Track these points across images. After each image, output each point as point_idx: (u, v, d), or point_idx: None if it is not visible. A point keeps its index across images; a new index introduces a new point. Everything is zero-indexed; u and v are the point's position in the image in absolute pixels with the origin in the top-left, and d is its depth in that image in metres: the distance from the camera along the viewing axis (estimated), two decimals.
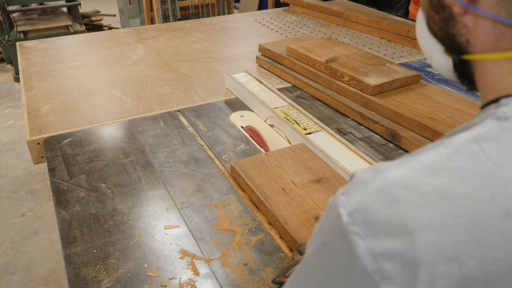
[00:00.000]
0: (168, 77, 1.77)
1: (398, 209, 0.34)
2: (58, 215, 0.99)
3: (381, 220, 0.34)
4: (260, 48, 1.88)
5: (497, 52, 0.41)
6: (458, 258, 0.32)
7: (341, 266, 0.37)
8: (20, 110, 3.51)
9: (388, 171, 0.36)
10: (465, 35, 0.44)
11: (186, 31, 2.37)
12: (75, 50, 2.07)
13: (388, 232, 0.34)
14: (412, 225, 0.33)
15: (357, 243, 0.35)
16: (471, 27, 0.43)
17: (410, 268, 0.33)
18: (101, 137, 1.31)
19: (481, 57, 0.43)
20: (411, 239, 0.33)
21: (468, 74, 0.48)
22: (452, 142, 0.37)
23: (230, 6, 4.15)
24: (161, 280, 0.83)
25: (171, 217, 0.99)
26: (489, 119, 0.37)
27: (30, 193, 2.57)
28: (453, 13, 0.44)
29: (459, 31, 0.44)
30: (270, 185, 1.03)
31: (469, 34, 0.43)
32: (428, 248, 0.33)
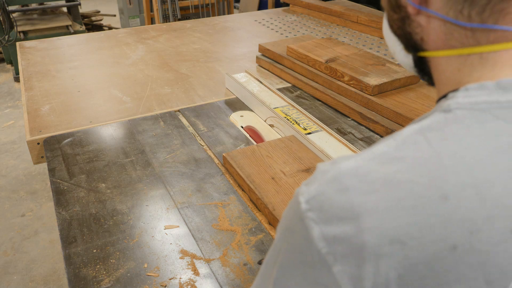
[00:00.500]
0: (168, 77, 1.77)
1: (348, 196, 0.37)
2: (58, 215, 0.99)
3: (333, 207, 0.37)
4: (260, 48, 1.88)
5: (447, 50, 0.44)
6: (400, 239, 0.34)
7: (300, 249, 0.39)
8: (20, 110, 3.51)
9: (343, 161, 0.39)
10: (419, 34, 0.47)
11: (186, 31, 2.37)
12: (75, 50, 2.07)
13: (339, 217, 0.36)
14: (359, 210, 0.36)
15: (312, 228, 0.38)
16: (424, 26, 0.45)
17: (358, 250, 0.35)
18: (101, 137, 1.31)
19: (434, 54, 0.46)
20: (358, 223, 0.35)
21: (426, 70, 0.51)
22: (401, 134, 0.40)
23: (230, 6, 4.15)
24: (161, 280, 0.83)
25: (171, 217, 0.99)
26: (436, 112, 0.40)
27: (30, 193, 2.57)
28: (408, 13, 0.46)
29: (414, 29, 0.47)
30: (260, 174, 1.07)
31: (423, 32, 0.46)
32: (373, 231, 0.35)
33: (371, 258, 0.35)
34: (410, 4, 0.45)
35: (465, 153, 0.36)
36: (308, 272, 0.39)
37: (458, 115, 0.38)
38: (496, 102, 0.38)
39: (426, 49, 0.47)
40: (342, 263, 0.36)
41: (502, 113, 0.37)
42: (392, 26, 0.51)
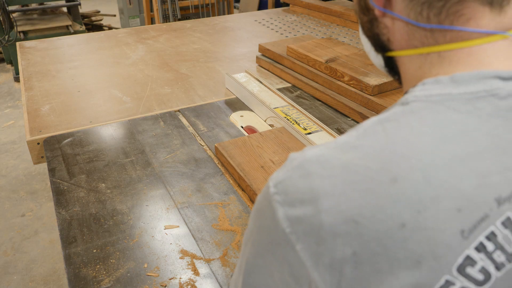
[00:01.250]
0: (168, 77, 1.77)
1: (310, 180, 0.40)
2: (58, 215, 0.99)
3: (296, 190, 0.40)
4: (260, 48, 1.88)
5: (410, 49, 0.47)
6: (354, 219, 0.37)
7: (267, 229, 0.43)
8: (20, 110, 3.51)
9: (309, 150, 0.43)
10: (386, 34, 0.50)
11: (186, 31, 2.37)
12: (75, 50, 2.07)
13: (301, 200, 0.40)
14: (318, 193, 0.39)
15: (278, 209, 0.41)
16: (390, 27, 0.49)
17: (316, 229, 0.39)
18: (101, 137, 1.31)
19: (399, 54, 0.50)
20: (316, 205, 0.39)
21: (395, 69, 0.54)
22: (362, 125, 0.43)
23: (230, 6, 4.15)
24: (161, 280, 0.83)
25: (171, 217, 0.99)
26: (395, 105, 0.44)
27: (30, 193, 2.57)
28: (376, 15, 0.49)
29: (381, 30, 0.50)
30: (250, 163, 1.11)
31: (389, 33, 0.50)
32: (330, 211, 0.38)
33: (328, 236, 0.38)
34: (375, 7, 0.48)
35: (416, 140, 0.38)
36: (275, 250, 0.43)
37: (413, 106, 0.41)
38: (448, 94, 0.41)
39: (392, 49, 0.51)
40: (303, 241, 0.39)
41: (453, 104, 0.40)
42: (363, 27, 0.55)
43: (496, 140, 0.38)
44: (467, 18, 0.42)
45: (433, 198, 0.36)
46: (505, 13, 0.43)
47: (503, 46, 0.43)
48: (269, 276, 0.45)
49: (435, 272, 0.36)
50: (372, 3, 0.48)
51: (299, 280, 0.41)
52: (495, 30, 0.43)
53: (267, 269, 0.45)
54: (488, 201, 0.36)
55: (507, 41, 0.43)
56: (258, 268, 0.47)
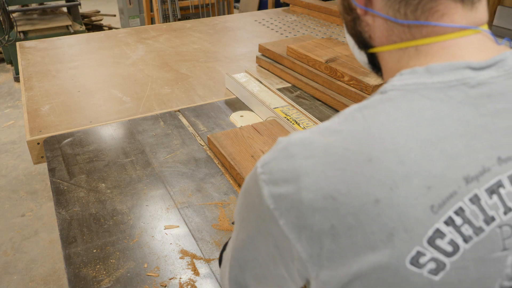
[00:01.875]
0: (168, 77, 1.77)
1: (293, 161, 0.43)
2: (58, 215, 0.99)
3: (280, 170, 0.44)
4: (260, 48, 1.88)
5: (390, 45, 0.51)
6: (332, 195, 0.41)
7: (254, 206, 0.47)
8: (20, 110, 3.51)
9: (295, 134, 0.46)
10: (368, 32, 0.53)
11: (186, 31, 2.37)
12: (75, 50, 2.07)
13: (284, 178, 0.43)
14: (300, 172, 0.42)
15: (263, 188, 0.45)
16: (371, 24, 0.52)
17: (297, 205, 0.42)
18: (101, 137, 1.31)
19: (380, 49, 0.53)
20: (298, 183, 0.42)
21: (377, 65, 0.57)
22: (344, 112, 0.46)
23: (230, 6, 4.15)
24: (161, 280, 0.83)
25: (171, 217, 0.99)
26: (375, 94, 0.47)
27: (30, 193, 2.57)
28: (358, 14, 0.53)
29: (363, 28, 0.54)
30: (241, 153, 1.15)
31: (370, 30, 0.53)
32: (309, 189, 0.41)
33: (308, 211, 0.42)
34: (357, 6, 0.51)
35: (391, 125, 0.42)
36: (261, 225, 0.47)
37: (391, 95, 0.44)
38: (423, 83, 0.44)
39: (374, 46, 0.54)
40: (286, 216, 0.43)
41: (427, 92, 0.43)
42: (347, 26, 0.58)
43: (465, 125, 0.41)
44: (441, 14, 0.45)
45: (405, 177, 0.39)
46: (476, 9, 0.46)
47: (475, 40, 0.46)
48: (255, 250, 0.50)
49: (407, 243, 0.39)
50: (355, 3, 0.52)
51: (283, 252, 0.46)
52: (467, 25, 0.46)
53: (254, 243, 0.49)
54: (457, 180, 0.39)
55: (478, 35, 0.46)
56: (246, 242, 0.51)
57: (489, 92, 0.42)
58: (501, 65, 0.44)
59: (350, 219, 0.40)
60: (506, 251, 0.40)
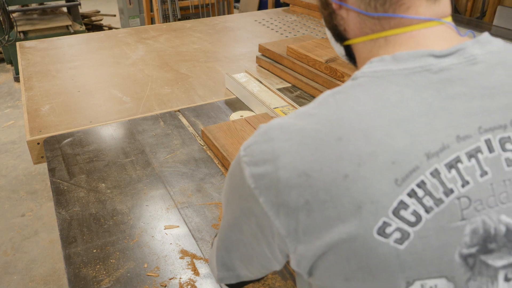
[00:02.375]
0: (168, 77, 1.77)
1: (272, 143, 0.47)
2: (58, 215, 0.99)
3: (260, 152, 0.48)
4: (260, 48, 1.88)
5: (362, 36, 0.55)
6: (306, 172, 0.44)
7: (237, 186, 0.51)
8: (20, 110, 3.51)
9: (274, 120, 0.50)
10: (342, 25, 0.57)
11: (186, 31, 2.37)
12: (75, 50, 2.07)
13: (263, 159, 0.47)
14: (278, 153, 0.46)
15: (245, 169, 0.48)
16: (345, 18, 0.56)
17: (275, 183, 0.46)
18: (101, 137, 1.31)
19: (354, 41, 0.57)
20: (275, 163, 0.46)
21: (353, 57, 0.60)
22: (318, 98, 0.50)
23: (230, 6, 4.15)
24: (161, 280, 0.83)
25: (171, 217, 0.99)
26: (347, 81, 0.50)
27: (30, 193, 2.57)
28: (333, 8, 0.57)
29: (339, 22, 0.58)
30: (234, 144, 1.17)
31: (345, 24, 0.57)
32: (286, 168, 0.45)
33: (285, 189, 0.45)
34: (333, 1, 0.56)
35: (360, 108, 0.45)
36: (244, 204, 0.50)
37: (360, 81, 0.48)
38: (390, 70, 0.48)
39: (349, 38, 0.58)
40: (265, 194, 0.47)
41: (393, 78, 0.47)
42: (325, 21, 0.62)
43: (428, 107, 0.45)
44: (407, 7, 0.50)
45: (371, 154, 0.43)
46: (439, 3, 0.51)
47: (439, 30, 0.51)
48: (240, 230, 0.54)
49: (374, 215, 0.42)
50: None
51: (264, 230, 0.49)
52: (431, 17, 0.50)
53: (238, 224, 0.53)
54: (419, 156, 0.43)
55: (442, 27, 0.51)
56: (231, 223, 0.55)
57: (449, 77, 0.46)
58: (461, 53, 0.48)
59: (323, 194, 0.44)
60: (465, 221, 0.43)
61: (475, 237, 0.43)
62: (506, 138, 0.45)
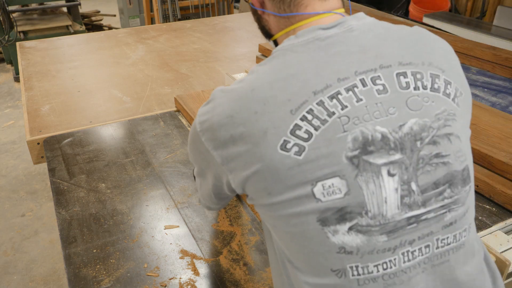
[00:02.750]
0: (168, 77, 1.76)
1: (213, 101, 0.64)
2: (58, 215, 0.99)
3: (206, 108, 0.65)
4: (260, 48, 1.88)
5: (280, 32, 0.73)
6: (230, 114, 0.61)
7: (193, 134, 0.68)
8: (20, 110, 3.51)
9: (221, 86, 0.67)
10: (267, 25, 0.75)
11: (186, 31, 2.37)
12: (75, 50, 2.07)
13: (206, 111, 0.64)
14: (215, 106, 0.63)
15: (196, 121, 0.66)
16: (267, 19, 0.74)
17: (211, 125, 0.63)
18: (101, 137, 1.31)
19: (276, 36, 0.74)
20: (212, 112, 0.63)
21: None
22: (251, 68, 0.67)
23: (230, 6, 4.15)
24: (161, 280, 0.83)
25: (171, 217, 0.99)
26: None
27: (30, 193, 2.57)
28: (259, 14, 0.75)
29: (264, 23, 0.76)
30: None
31: (268, 24, 0.75)
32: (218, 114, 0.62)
33: (217, 127, 0.62)
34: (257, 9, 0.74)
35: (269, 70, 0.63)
36: (195, 145, 0.68)
37: (275, 54, 0.66)
38: (293, 44, 0.65)
39: (273, 34, 0.75)
40: (205, 134, 0.64)
41: (295, 48, 0.64)
42: (257, 23, 0.79)
43: (317, 63, 0.62)
44: (305, 6, 0.69)
45: (273, 96, 0.60)
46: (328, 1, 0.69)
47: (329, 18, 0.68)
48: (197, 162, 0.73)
49: (276, 136, 0.58)
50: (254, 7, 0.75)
51: (209, 163, 0.67)
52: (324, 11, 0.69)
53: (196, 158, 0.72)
54: (308, 93, 0.59)
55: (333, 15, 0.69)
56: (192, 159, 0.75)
57: (333, 42, 0.64)
58: (342, 25, 0.66)
59: (241, 128, 0.60)
60: (346, 132, 0.57)
61: (356, 143, 0.57)
62: (376, 76, 0.61)
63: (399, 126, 0.59)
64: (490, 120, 1.24)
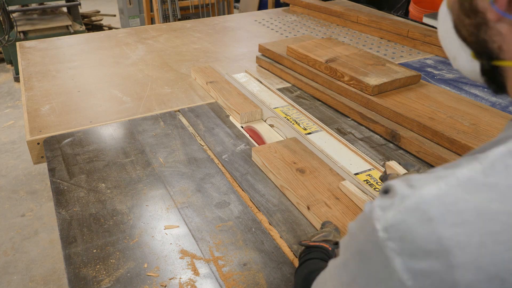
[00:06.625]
0: (168, 77, 1.77)
1: (434, 227, 0.34)
2: (58, 215, 0.99)
3: (417, 238, 0.34)
4: (260, 48, 1.88)
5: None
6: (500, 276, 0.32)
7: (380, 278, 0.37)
8: (20, 110, 3.51)
9: (424, 186, 0.36)
10: (498, 42, 0.44)
11: (186, 31, 2.37)
12: (75, 50, 2.07)
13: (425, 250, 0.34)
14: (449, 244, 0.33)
15: (394, 259, 0.35)
16: (506, 34, 0.42)
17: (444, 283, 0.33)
18: (101, 137, 1.31)
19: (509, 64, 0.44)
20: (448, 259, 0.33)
21: (497, 79, 0.47)
22: (487, 157, 0.36)
23: (230, 6, 4.15)
24: (161, 280, 0.83)
25: (171, 217, 0.99)
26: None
27: (30, 193, 2.57)
28: (487, 19, 0.43)
29: (492, 37, 0.44)
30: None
31: (503, 41, 0.43)
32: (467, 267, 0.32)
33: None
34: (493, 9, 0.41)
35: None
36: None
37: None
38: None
39: (503, 59, 0.45)
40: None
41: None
42: (461, 30, 0.48)
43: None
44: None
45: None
46: None
47: None
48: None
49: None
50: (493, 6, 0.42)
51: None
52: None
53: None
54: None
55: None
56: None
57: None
58: None
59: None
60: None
61: None
62: None
63: None
64: (490, 120, 1.24)
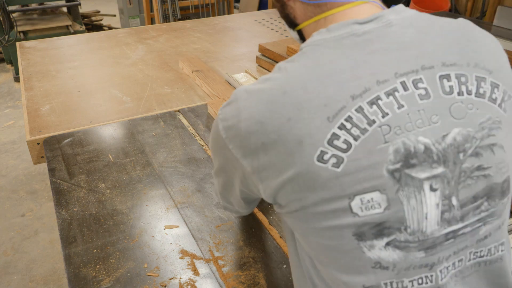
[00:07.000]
0: (168, 77, 1.77)
1: (237, 103, 0.58)
2: (58, 215, 0.99)
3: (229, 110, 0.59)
4: (260, 48, 1.88)
5: (308, 20, 0.67)
6: (260, 120, 0.55)
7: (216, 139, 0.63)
8: (20, 110, 3.51)
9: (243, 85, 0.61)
10: (292, 13, 0.70)
11: (186, 31, 2.37)
12: (75, 50, 2.07)
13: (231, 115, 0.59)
14: (241, 109, 0.57)
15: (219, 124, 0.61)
16: (293, 7, 0.68)
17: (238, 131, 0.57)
18: (101, 137, 1.31)
19: (303, 25, 0.69)
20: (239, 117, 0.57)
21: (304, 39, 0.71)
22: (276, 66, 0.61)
23: (230, 6, 4.15)
24: (161, 280, 0.83)
25: (171, 217, 0.99)
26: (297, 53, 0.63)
27: (30, 193, 2.57)
28: (284, 1, 0.69)
29: (289, 11, 0.70)
30: None
31: (294, 12, 0.69)
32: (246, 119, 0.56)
33: (246, 135, 0.57)
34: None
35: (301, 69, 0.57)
36: (220, 152, 0.63)
37: (304, 50, 0.60)
38: (324, 39, 0.59)
39: (298, 24, 0.70)
40: (232, 142, 0.59)
41: (327, 44, 0.59)
42: (279, 11, 0.73)
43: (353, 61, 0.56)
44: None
45: (308, 100, 0.54)
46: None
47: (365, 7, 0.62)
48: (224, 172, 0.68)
49: (312, 146, 0.53)
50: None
51: (236, 169, 0.62)
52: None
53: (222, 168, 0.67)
54: (346, 98, 0.54)
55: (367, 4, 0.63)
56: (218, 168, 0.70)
57: (370, 38, 0.58)
58: (380, 19, 0.59)
59: (273, 136, 0.54)
60: (387, 143, 0.53)
61: (397, 155, 0.53)
62: (418, 79, 0.56)
63: (442, 137, 0.54)
64: None
